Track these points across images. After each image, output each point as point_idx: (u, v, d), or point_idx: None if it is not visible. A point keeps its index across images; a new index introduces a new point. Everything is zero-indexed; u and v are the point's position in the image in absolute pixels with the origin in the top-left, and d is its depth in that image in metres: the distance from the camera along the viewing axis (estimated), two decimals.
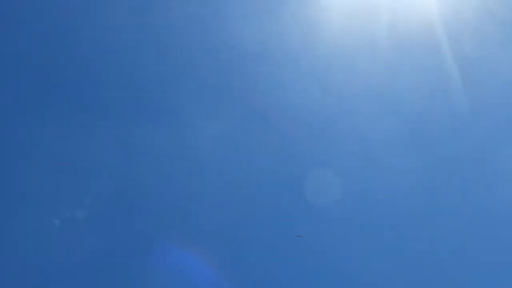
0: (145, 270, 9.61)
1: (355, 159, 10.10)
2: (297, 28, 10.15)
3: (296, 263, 9.83)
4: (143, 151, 10.11)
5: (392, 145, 9.99)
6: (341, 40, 10.08)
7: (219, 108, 10.23)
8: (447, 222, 9.86)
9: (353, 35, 10.06)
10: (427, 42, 9.93)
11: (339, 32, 10.05)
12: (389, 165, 9.94)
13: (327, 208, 9.91)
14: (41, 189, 9.70)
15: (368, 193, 9.95)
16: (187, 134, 10.22)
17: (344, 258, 9.91)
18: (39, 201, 9.72)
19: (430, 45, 9.90)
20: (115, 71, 10.39)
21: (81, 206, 9.66)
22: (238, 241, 9.88)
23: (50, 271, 9.64)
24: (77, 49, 10.36)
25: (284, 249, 9.84)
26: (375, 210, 9.92)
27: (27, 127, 10.03)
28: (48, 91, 10.31)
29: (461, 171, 9.96)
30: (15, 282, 9.42)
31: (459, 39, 9.88)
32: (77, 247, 9.53)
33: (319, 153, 10.18)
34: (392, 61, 10.04)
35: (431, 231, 9.84)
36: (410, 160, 9.90)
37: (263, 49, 10.14)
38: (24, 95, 10.26)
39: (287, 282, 9.73)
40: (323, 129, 10.19)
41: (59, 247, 9.58)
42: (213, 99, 10.26)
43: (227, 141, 10.19)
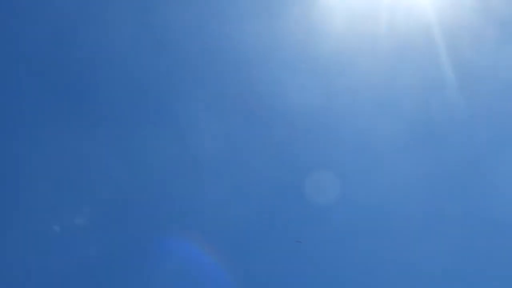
0: (147, 277, 9.62)
1: (355, 160, 10.13)
2: (297, 29, 10.14)
3: (296, 262, 9.89)
4: (143, 155, 10.10)
5: (392, 146, 10.02)
6: (341, 41, 10.10)
7: (219, 108, 10.24)
8: (447, 223, 9.91)
9: (353, 36, 10.07)
10: (426, 43, 9.94)
11: (339, 33, 10.06)
12: (389, 166, 9.98)
13: (326, 208, 9.94)
14: (41, 195, 9.68)
15: (368, 194, 9.99)
16: (187, 135, 10.22)
17: (343, 259, 9.97)
18: (39, 207, 9.69)
19: (430, 46, 9.92)
20: (113, 72, 10.35)
21: (81, 212, 9.65)
22: (238, 242, 9.91)
23: (50, 277, 9.65)
24: (75, 51, 10.32)
25: (284, 247, 9.89)
26: (376, 210, 9.96)
27: (27, 131, 10.00)
28: (46, 93, 10.25)
29: (460, 171, 10.01)
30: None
31: (458, 40, 9.90)
32: (77, 253, 9.52)
33: (319, 153, 10.20)
34: (392, 62, 10.06)
35: (431, 231, 9.91)
36: (410, 161, 9.94)
37: (262, 49, 10.15)
38: (22, 98, 10.18)
39: (287, 277, 9.81)
40: (322, 130, 10.22)
41: (59, 253, 9.57)
42: (213, 99, 10.26)
43: (227, 141, 10.20)
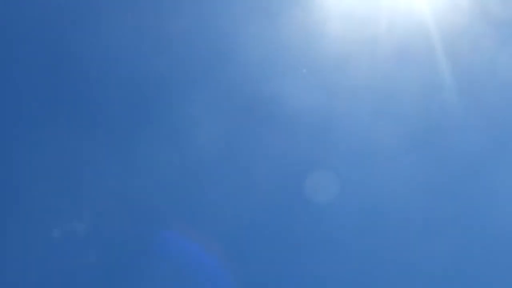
0: (147, 277, 9.59)
1: (354, 161, 10.12)
2: (297, 30, 10.18)
3: (296, 262, 9.85)
4: (143, 155, 10.09)
5: (392, 147, 9.97)
6: (341, 43, 10.10)
7: (219, 109, 10.24)
8: (446, 223, 9.87)
9: (352, 38, 10.06)
10: (425, 45, 9.97)
11: (338, 34, 10.09)
12: (389, 167, 9.95)
13: (326, 208, 9.94)
14: (40, 201, 9.64)
15: (367, 194, 9.97)
16: (186, 135, 10.19)
17: (342, 257, 9.95)
18: (38, 213, 9.65)
19: (429, 49, 9.95)
20: (112, 72, 10.32)
21: (81, 218, 9.61)
22: (239, 242, 9.90)
23: (49, 285, 9.63)
24: (74, 51, 10.28)
25: (284, 246, 9.87)
26: (375, 211, 9.92)
27: (26, 136, 9.96)
28: (45, 96, 10.22)
29: (460, 172, 9.99)
30: None
31: (458, 42, 9.93)
32: (76, 260, 9.47)
33: (318, 154, 10.21)
34: (391, 64, 10.07)
35: (430, 232, 9.87)
36: (409, 162, 9.90)
37: (262, 50, 10.13)
38: (21, 101, 10.16)
39: (286, 276, 9.81)
40: (322, 131, 10.21)
41: (58, 260, 9.53)
42: (212, 100, 10.26)
43: (227, 141, 10.19)
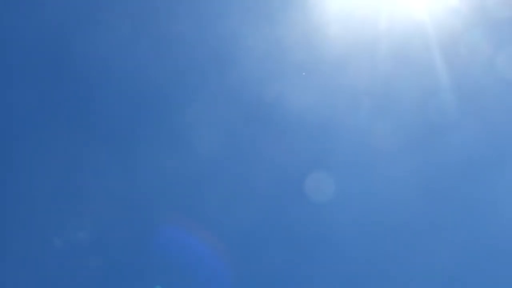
0: (148, 275, 9.57)
1: (354, 162, 10.16)
2: (296, 33, 10.22)
3: (296, 261, 9.89)
4: (144, 155, 10.09)
5: (390, 148, 10.04)
6: (340, 45, 10.17)
7: (219, 109, 10.25)
8: (446, 223, 9.94)
9: (352, 39, 10.14)
10: (424, 47, 10.03)
11: (338, 37, 10.13)
12: (389, 167, 10.00)
13: (325, 208, 9.96)
14: (41, 210, 9.60)
15: (367, 194, 10.01)
16: (186, 135, 10.21)
17: (341, 257, 9.98)
18: (40, 222, 9.60)
19: (427, 51, 10.00)
20: (110, 72, 10.31)
21: (82, 227, 9.57)
22: (240, 242, 9.91)
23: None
24: (72, 51, 10.29)
25: (284, 246, 9.91)
26: (375, 211, 9.97)
27: (26, 142, 9.92)
28: (45, 100, 10.20)
29: (458, 173, 10.05)
30: None
31: (456, 44, 10.00)
32: (78, 269, 9.42)
33: (317, 154, 10.24)
34: (390, 65, 10.12)
35: (430, 232, 9.91)
36: (409, 162, 9.96)
37: (262, 50, 10.18)
38: (21, 106, 10.11)
39: (286, 269, 9.83)
40: (321, 131, 10.24)
41: (60, 269, 9.47)
42: (212, 100, 10.27)
43: (227, 142, 10.21)
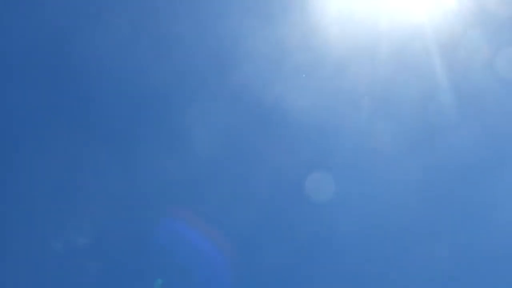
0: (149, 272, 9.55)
1: (353, 162, 10.17)
2: (296, 32, 10.23)
3: (296, 261, 9.93)
4: (143, 155, 10.09)
5: (391, 149, 10.06)
6: (340, 45, 10.19)
7: (218, 109, 10.25)
8: (445, 224, 9.99)
9: (352, 39, 10.17)
10: (424, 48, 10.06)
11: (338, 37, 10.16)
12: (389, 169, 10.02)
13: (325, 209, 9.98)
14: (41, 214, 9.56)
15: (367, 196, 10.03)
16: (186, 135, 10.22)
17: (341, 256, 10.00)
18: (40, 227, 9.57)
19: (427, 52, 10.03)
20: (109, 72, 10.30)
21: (83, 227, 9.53)
22: (240, 242, 9.92)
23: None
24: (71, 51, 10.28)
25: (285, 245, 9.93)
26: (375, 211, 10.00)
27: (26, 143, 9.89)
28: (45, 100, 10.17)
29: (459, 174, 10.06)
30: None
31: (454, 44, 10.04)
32: (78, 274, 9.39)
33: (318, 155, 10.25)
34: (389, 65, 10.15)
35: (430, 232, 9.95)
36: (408, 163, 9.99)
37: (262, 50, 10.19)
38: (21, 106, 10.08)
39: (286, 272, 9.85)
40: (321, 132, 10.25)
41: (60, 274, 9.44)
42: (212, 100, 10.27)
43: (227, 143, 10.22)
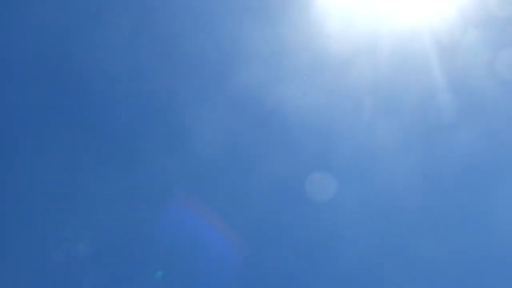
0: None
1: (354, 162, 10.20)
2: (296, 32, 10.24)
3: (297, 261, 9.95)
4: (144, 155, 10.08)
5: (392, 149, 10.08)
6: (340, 46, 10.22)
7: (219, 109, 10.26)
8: (445, 224, 10.02)
9: (352, 40, 10.20)
10: (425, 47, 10.09)
11: (338, 38, 10.19)
12: (389, 168, 10.04)
13: (326, 208, 10.00)
14: (41, 215, 9.54)
15: (368, 196, 10.05)
16: (186, 135, 10.23)
17: (342, 258, 10.01)
18: (40, 227, 9.55)
19: (427, 52, 10.07)
20: (108, 72, 10.29)
21: (83, 240, 9.52)
22: (240, 242, 9.92)
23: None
24: (70, 51, 10.28)
25: (285, 244, 9.96)
26: (375, 211, 10.03)
27: (26, 147, 9.86)
28: (45, 101, 10.14)
29: (460, 174, 10.08)
30: None
31: (455, 44, 10.08)
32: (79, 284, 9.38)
33: (317, 155, 10.26)
34: (390, 66, 10.17)
35: (429, 232, 9.98)
36: (408, 163, 10.01)
37: (262, 51, 10.22)
38: (21, 110, 10.05)
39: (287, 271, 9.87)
40: (320, 132, 10.26)
41: (60, 283, 9.42)
42: (212, 101, 10.27)
43: (227, 143, 10.22)
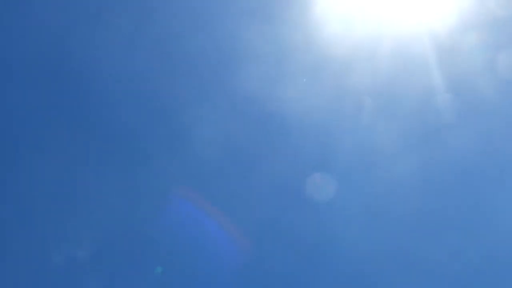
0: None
1: (353, 162, 10.20)
2: (296, 32, 10.25)
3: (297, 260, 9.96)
4: (143, 155, 10.08)
5: (392, 150, 10.09)
6: (339, 45, 10.22)
7: (219, 110, 10.26)
8: (445, 224, 10.01)
9: (352, 40, 10.21)
10: (425, 47, 10.11)
11: (338, 39, 10.20)
12: (389, 168, 10.05)
13: (327, 209, 10.00)
14: (41, 215, 9.53)
15: (369, 196, 10.05)
16: (186, 136, 10.23)
17: (342, 258, 10.02)
18: (40, 228, 9.54)
19: (427, 53, 10.09)
20: (108, 72, 10.29)
21: (82, 245, 9.50)
22: (241, 242, 9.92)
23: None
24: (69, 51, 10.27)
25: (285, 245, 9.97)
26: (377, 212, 10.03)
27: (26, 147, 9.86)
28: (45, 104, 10.14)
29: (460, 174, 10.09)
30: None
31: (455, 44, 10.10)
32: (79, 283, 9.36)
33: (318, 155, 10.27)
34: (390, 66, 10.19)
35: (429, 231, 9.97)
36: (409, 164, 10.00)
37: (262, 51, 10.22)
38: (21, 110, 10.04)
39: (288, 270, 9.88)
40: (320, 132, 10.27)
41: (60, 283, 9.40)
42: (212, 101, 10.28)
43: (226, 144, 10.22)
